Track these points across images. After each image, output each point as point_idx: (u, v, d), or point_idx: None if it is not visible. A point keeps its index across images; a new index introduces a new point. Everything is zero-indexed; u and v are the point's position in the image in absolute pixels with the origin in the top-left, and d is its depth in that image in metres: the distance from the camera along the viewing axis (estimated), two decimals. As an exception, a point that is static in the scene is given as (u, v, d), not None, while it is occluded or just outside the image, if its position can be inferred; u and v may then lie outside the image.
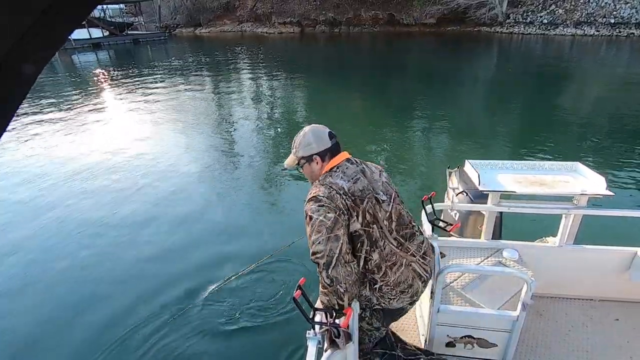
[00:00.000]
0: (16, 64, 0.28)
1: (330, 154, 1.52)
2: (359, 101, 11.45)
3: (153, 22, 38.19)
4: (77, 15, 0.31)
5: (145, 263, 4.13)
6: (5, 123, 0.31)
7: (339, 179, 1.44)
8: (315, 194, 1.41)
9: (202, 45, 28.77)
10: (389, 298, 1.54)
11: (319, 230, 1.35)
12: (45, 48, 0.30)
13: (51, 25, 0.29)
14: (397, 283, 1.52)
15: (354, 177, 1.46)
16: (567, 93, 11.34)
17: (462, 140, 7.51)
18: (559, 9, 24.14)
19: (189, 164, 6.86)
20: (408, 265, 1.55)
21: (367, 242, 1.45)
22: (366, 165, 1.58)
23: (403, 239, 1.57)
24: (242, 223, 4.88)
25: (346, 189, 1.42)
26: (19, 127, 9.40)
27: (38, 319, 3.46)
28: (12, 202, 5.65)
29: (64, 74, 18.88)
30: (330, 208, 1.37)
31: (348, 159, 1.53)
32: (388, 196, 1.54)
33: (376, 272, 1.50)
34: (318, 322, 1.37)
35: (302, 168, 1.56)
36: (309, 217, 1.39)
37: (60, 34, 0.30)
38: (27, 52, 0.29)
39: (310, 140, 1.51)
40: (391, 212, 1.54)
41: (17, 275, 4.09)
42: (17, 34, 0.27)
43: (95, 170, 6.69)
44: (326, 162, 1.51)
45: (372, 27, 30.04)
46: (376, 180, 1.54)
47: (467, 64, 16.57)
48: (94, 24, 30.94)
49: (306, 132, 1.54)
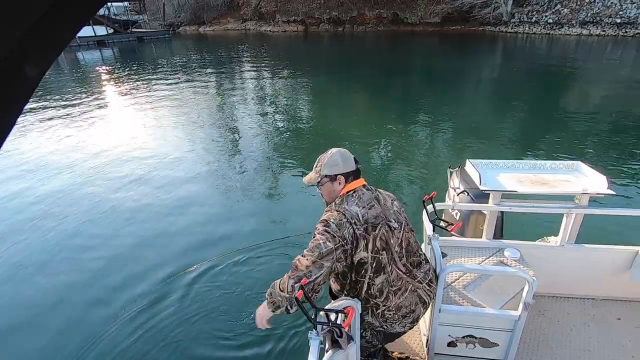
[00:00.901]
0: (19, 66, 0.28)
1: (353, 177, 1.58)
2: (362, 100, 11.44)
3: (157, 20, 38.34)
4: (81, 16, 0.30)
5: (144, 254, 4.17)
6: (9, 126, 0.31)
7: (354, 205, 1.49)
8: (327, 218, 1.48)
9: (205, 44, 28.83)
10: (392, 322, 1.59)
11: (312, 250, 1.43)
12: (48, 49, 0.30)
13: (55, 26, 0.28)
14: (398, 307, 1.56)
15: (369, 204, 1.52)
16: (571, 93, 11.29)
17: (465, 140, 7.49)
18: (565, 9, 23.99)
19: (192, 159, 6.90)
20: (414, 291, 1.60)
21: (371, 269, 1.50)
22: (380, 192, 1.63)
23: (411, 265, 1.62)
24: (240, 216, 4.91)
25: (360, 216, 1.47)
26: (23, 123, 9.48)
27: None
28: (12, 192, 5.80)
29: (69, 71, 18.99)
30: (334, 237, 1.43)
31: (364, 185, 1.59)
32: (399, 224, 1.59)
33: (378, 297, 1.54)
34: (320, 322, 1.38)
35: (322, 186, 1.59)
36: (315, 233, 1.48)
37: (65, 35, 0.30)
38: (30, 53, 0.28)
39: (338, 160, 1.56)
40: (402, 239, 1.59)
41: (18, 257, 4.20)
42: (19, 35, 0.27)
43: (96, 162, 6.80)
44: (347, 184, 1.56)
45: (375, 26, 29.98)
46: (389, 208, 1.60)
47: (471, 63, 16.52)
48: (99, 22, 31.12)
49: (334, 152, 1.59)
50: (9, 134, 0.32)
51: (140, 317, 3.29)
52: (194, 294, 3.53)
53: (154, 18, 38.55)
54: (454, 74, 14.36)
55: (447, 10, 26.75)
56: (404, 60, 18.02)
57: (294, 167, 6.59)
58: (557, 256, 2.39)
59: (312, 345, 1.34)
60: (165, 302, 3.45)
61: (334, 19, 31.09)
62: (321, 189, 1.60)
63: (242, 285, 3.61)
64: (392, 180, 5.93)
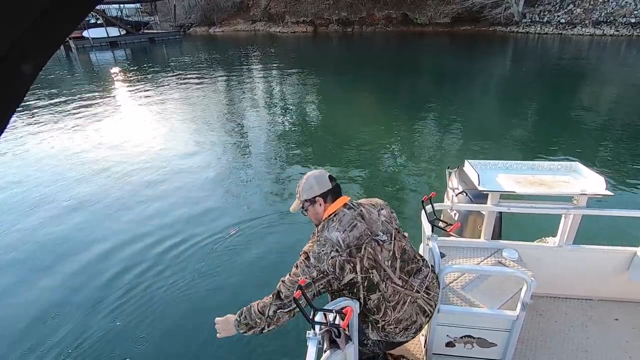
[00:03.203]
0: (15, 64, 0.28)
1: (332, 195, 1.58)
2: (370, 100, 11.44)
3: (168, 21, 38.79)
4: (77, 15, 0.30)
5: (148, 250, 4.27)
6: (3, 124, 0.31)
7: (334, 231, 1.48)
8: (307, 250, 1.49)
9: (215, 44, 29.07)
10: (394, 335, 1.58)
11: (293, 283, 1.46)
12: (44, 48, 0.30)
13: (51, 25, 0.28)
14: (398, 321, 1.55)
15: (350, 225, 1.50)
16: (582, 94, 11.11)
17: (471, 141, 7.45)
18: (577, 9, 23.58)
19: (201, 157, 7.04)
20: (413, 302, 1.58)
21: (363, 288, 1.49)
22: (363, 206, 1.60)
23: (408, 275, 1.59)
24: (241, 213, 5.01)
25: (340, 242, 1.46)
26: (33, 122, 9.73)
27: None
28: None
29: (82, 71, 19.38)
30: (314, 270, 1.44)
31: (346, 204, 1.57)
32: (388, 235, 1.57)
33: (376, 313, 1.53)
34: (318, 322, 1.39)
35: (307, 212, 1.61)
36: (297, 262, 1.51)
37: (60, 34, 0.30)
38: (26, 52, 0.29)
39: (312, 183, 1.58)
40: (394, 249, 1.57)
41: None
42: (16, 34, 0.27)
43: (106, 160, 7.01)
44: (328, 204, 1.57)
45: (385, 27, 29.88)
46: (375, 220, 1.57)
47: (480, 63, 16.36)
48: (112, 23, 31.64)
49: (308, 176, 1.62)
50: (2, 131, 0.32)
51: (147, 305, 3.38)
52: (192, 293, 3.58)
53: (165, 19, 39.03)
54: (463, 75, 14.24)
55: (457, 11, 26.51)
56: (413, 61, 17.92)
57: (301, 165, 6.65)
58: (555, 257, 2.39)
59: (309, 345, 1.35)
60: (167, 300, 3.52)
61: (343, 20, 31.07)
62: (307, 214, 1.63)
63: (238, 284, 3.66)
64: (398, 179, 5.95)
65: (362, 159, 6.71)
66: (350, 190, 5.51)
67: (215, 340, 3.02)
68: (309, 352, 1.33)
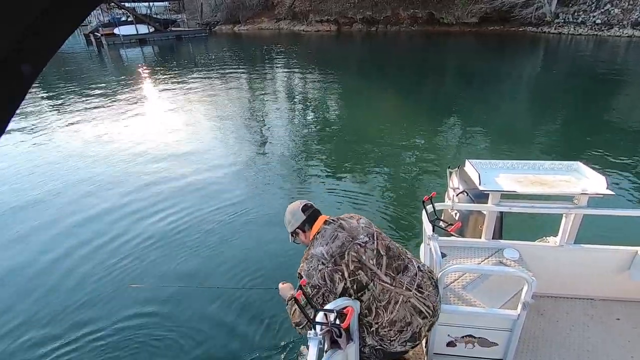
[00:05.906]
0: (16, 64, 0.28)
1: (309, 223, 1.72)
2: (391, 101, 11.38)
3: (195, 19, 39.76)
4: (77, 15, 0.31)
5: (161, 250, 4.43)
6: (4, 124, 0.32)
7: (318, 247, 1.61)
8: (300, 270, 1.62)
9: (240, 42, 29.60)
10: (389, 340, 1.58)
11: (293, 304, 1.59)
12: (44, 48, 0.30)
13: (51, 25, 0.29)
14: (392, 322, 1.55)
15: (332, 237, 1.62)
16: (614, 97, 10.59)
17: (495, 144, 7.32)
18: (615, 9, 22.44)
19: (222, 155, 7.28)
20: (405, 302, 1.57)
21: (354, 292, 1.57)
22: (343, 219, 1.72)
23: (396, 272, 1.62)
24: (254, 215, 5.06)
25: (325, 254, 1.58)
26: (64, 115, 10.24)
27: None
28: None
29: (112, 67, 20.20)
30: (307, 287, 1.55)
31: (326, 220, 1.70)
32: (370, 236, 1.66)
33: (367, 315, 1.57)
34: (319, 322, 1.41)
35: (296, 239, 1.80)
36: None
37: (60, 34, 0.30)
38: (27, 52, 0.29)
39: (289, 218, 1.76)
40: (377, 248, 1.63)
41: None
42: (17, 34, 0.27)
43: (134, 153, 7.34)
44: (308, 231, 1.71)
45: (410, 26, 29.46)
46: (355, 227, 1.67)
47: (508, 65, 15.87)
48: (141, 21, 32.79)
49: (286, 213, 1.79)
50: (3, 131, 0.33)
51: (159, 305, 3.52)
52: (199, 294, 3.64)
53: (192, 17, 40.03)
54: (490, 76, 13.92)
55: (486, 10, 25.79)
56: (438, 61, 17.63)
57: (320, 164, 6.72)
58: (556, 256, 2.37)
59: (311, 345, 1.36)
60: (174, 297, 3.63)
61: (367, 19, 30.86)
62: (299, 242, 1.80)
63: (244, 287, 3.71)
64: (415, 178, 5.94)
65: (379, 157, 6.73)
66: (362, 188, 5.49)
67: (219, 339, 3.13)
68: (310, 352, 1.34)
